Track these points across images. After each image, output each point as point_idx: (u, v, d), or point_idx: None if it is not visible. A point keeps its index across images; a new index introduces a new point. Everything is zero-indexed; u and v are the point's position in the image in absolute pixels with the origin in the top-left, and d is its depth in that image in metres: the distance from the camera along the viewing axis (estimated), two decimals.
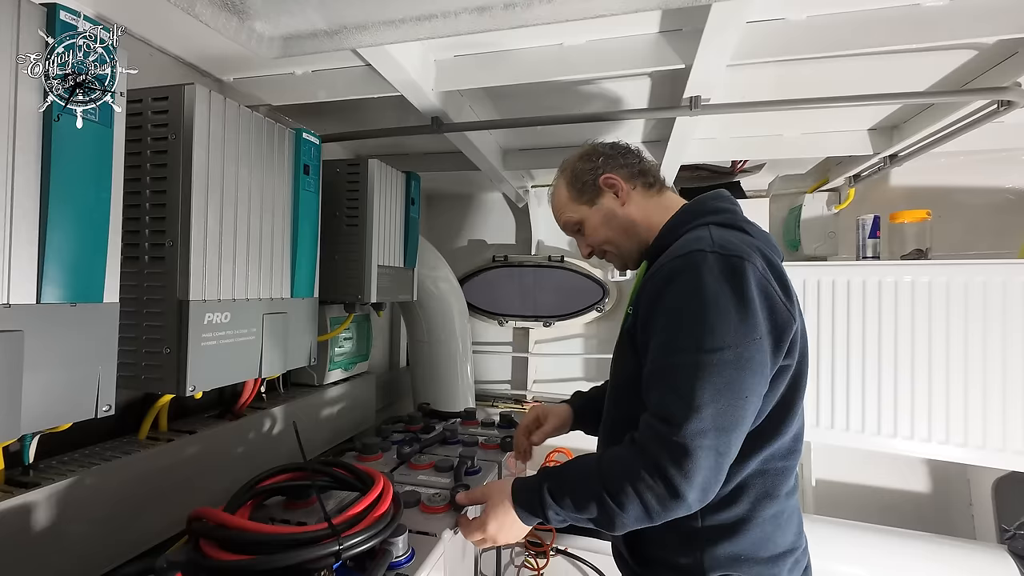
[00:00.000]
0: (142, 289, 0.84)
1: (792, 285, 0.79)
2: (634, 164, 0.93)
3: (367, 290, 1.30)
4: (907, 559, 1.50)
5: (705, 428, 0.67)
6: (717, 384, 0.68)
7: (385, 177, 1.35)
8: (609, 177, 0.91)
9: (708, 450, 0.67)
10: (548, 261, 2.21)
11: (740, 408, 0.69)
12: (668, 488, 0.67)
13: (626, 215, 0.91)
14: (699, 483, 0.67)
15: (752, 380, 0.70)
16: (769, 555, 0.78)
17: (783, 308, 0.74)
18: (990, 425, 1.40)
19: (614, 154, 0.93)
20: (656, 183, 0.94)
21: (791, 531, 0.82)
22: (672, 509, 0.69)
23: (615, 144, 0.96)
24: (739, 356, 0.69)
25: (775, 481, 0.79)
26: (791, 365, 0.76)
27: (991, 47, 0.97)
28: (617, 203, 0.92)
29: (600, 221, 0.93)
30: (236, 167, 0.91)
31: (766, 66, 1.09)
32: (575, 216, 0.96)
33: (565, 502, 0.76)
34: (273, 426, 1.18)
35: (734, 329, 0.69)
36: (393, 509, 0.83)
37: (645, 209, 0.91)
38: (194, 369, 0.83)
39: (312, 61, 1.09)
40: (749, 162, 1.80)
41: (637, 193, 0.92)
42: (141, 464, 0.86)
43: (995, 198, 1.72)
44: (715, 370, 0.68)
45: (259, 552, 0.69)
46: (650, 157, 1.52)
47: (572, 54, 0.98)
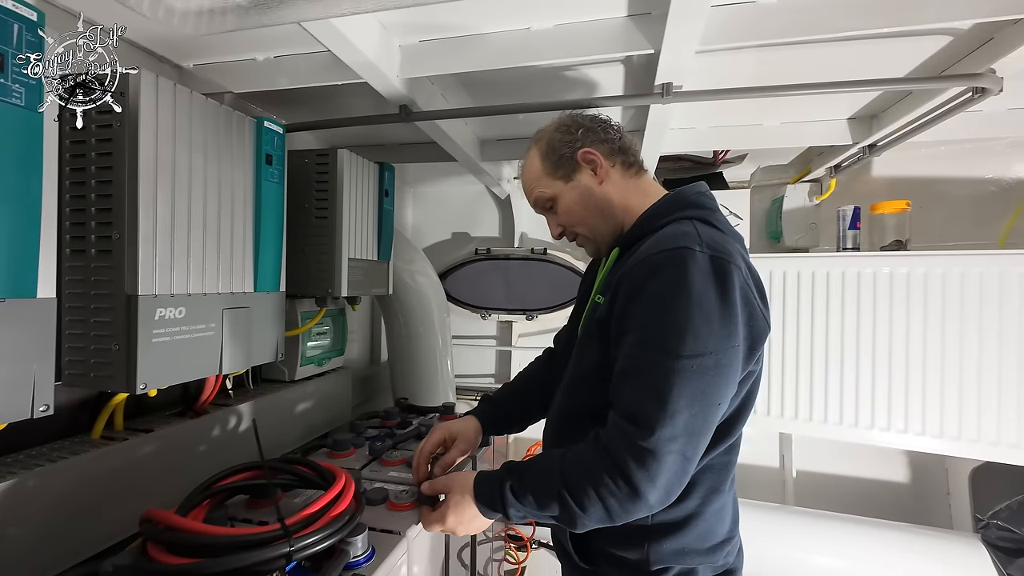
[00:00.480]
0: (89, 283, 0.81)
1: (765, 291, 0.77)
2: (614, 140, 0.87)
3: (338, 284, 1.27)
4: (883, 549, 1.51)
5: (677, 434, 0.66)
6: (694, 390, 0.66)
7: (356, 168, 1.31)
8: (588, 151, 0.84)
9: (676, 455, 0.66)
10: (531, 254, 2.19)
11: (712, 415, 0.69)
12: (632, 491, 0.66)
13: (603, 194, 0.85)
14: (663, 486, 0.66)
15: (727, 388, 0.69)
16: (709, 546, 0.80)
17: (761, 317, 0.73)
18: (965, 416, 1.40)
19: (594, 127, 0.86)
20: (635, 163, 0.88)
21: (729, 521, 0.83)
22: (634, 511, 0.68)
23: (596, 117, 0.89)
24: (718, 362, 0.67)
25: (720, 476, 0.79)
26: (756, 372, 0.76)
27: (966, 32, 0.95)
28: (595, 180, 0.85)
29: (575, 199, 0.86)
30: (189, 156, 0.88)
31: (742, 53, 1.07)
32: (548, 192, 0.88)
33: (526, 499, 0.74)
34: (239, 423, 1.15)
35: (716, 334, 0.67)
36: (353, 507, 0.82)
37: (623, 190, 0.86)
38: (145, 366, 0.80)
39: (273, 46, 1.06)
40: (731, 152, 1.78)
41: (616, 172, 0.86)
42: (91, 464, 0.83)
43: (975, 188, 1.72)
44: (694, 375, 0.66)
45: (206, 555, 0.67)
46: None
47: (540, 39, 0.94)
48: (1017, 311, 1.35)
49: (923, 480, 1.84)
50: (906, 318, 1.46)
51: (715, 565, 0.80)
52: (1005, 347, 1.37)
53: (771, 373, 1.65)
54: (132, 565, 0.67)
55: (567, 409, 0.88)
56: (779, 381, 1.63)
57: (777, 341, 1.63)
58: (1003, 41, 0.92)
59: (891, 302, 1.48)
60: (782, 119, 1.43)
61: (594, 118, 0.89)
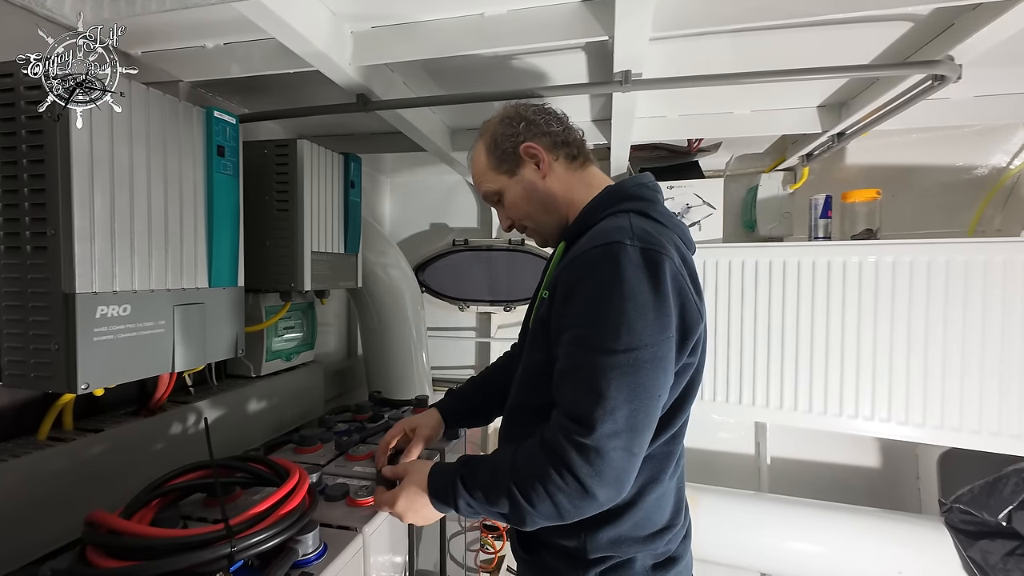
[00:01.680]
0: (26, 282, 0.78)
1: (700, 283, 0.77)
2: (557, 133, 0.86)
3: (301, 277, 1.25)
4: (853, 534, 1.54)
5: (619, 430, 0.65)
6: (632, 384, 0.66)
7: (318, 159, 1.28)
8: (530, 146, 0.85)
9: (621, 451, 0.66)
10: (508, 245, 2.18)
11: (653, 408, 0.69)
12: (580, 487, 0.66)
13: (546, 189, 0.85)
14: (611, 482, 0.66)
15: (665, 379, 0.69)
16: (647, 534, 0.80)
17: (694, 307, 0.72)
18: (930, 403, 1.42)
19: (537, 120, 0.86)
20: (580, 155, 0.88)
21: (669, 510, 0.83)
22: (584, 508, 0.68)
23: (540, 108, 0.88)
24: (654, 355, 0.67)
25: (660, 465, 0.79)
26: (694, 363, 0.76)
27: (927, 19, 0.94)
28: (538, 175, 0.85)
29: (519, 194, 0.87)
30: (130, 148, 0.85)
31: (706, 40, 1.05)
32: (494, 186, 0.89)
33: (476, 494, 0.74)
34: (198, 421, 1.14)
35: (651, 327, 0.67)
36: (305, 504, 0.81)
37: (567, 184, 0.86)
38: (86, 366, 0.78)
39: (223, 33, 1.02)
40: (705, 141, 1.77)
41: (559, 165, 0.86)
42: (34, 466, 0.81)
43: (946, 176, 1.72)
44: (631, 370, 0.66)
45: (146, 557, 0.66)
46: (594, 129, 1.50)
47: (494, 24, 0.92)
48: (980, 299, 1.36)
49: (894, 465, 1.87)
50: (874, 307, 1.47)
51: (655, 553, 0.81)
52: (969, 335, 1.38)
53: (743, 363, 1.66)
54: (69, 569, 0.66)
55: (515, 404, 0.88)
56: (751, 370, 1.64)
57: (750, 330, 1.64)
58: (963, 27, 0.91)
59: (860, 291, 1.48)
60: (753, 107, 1.41)
61: (538, 109, 0.88)
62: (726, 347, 1.67)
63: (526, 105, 0.89)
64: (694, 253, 0.85)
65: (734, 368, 1.67)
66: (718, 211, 1.78)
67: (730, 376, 1.68)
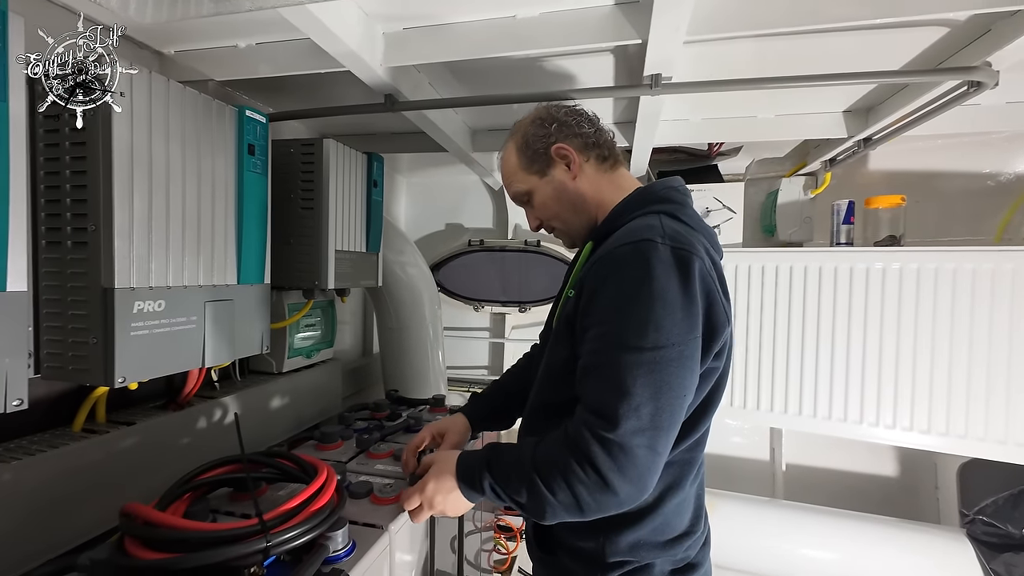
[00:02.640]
0: (66, 276, 0.80)
1: (728, 287, 0.77)
2: (589, 134, 0.87)
3: (324, 276, 1.26)
4: (870, 543, 1.52)
5: (643, 427, 0.65)
6: (658, 382, 0.66)
7: (343, 158, 1.29)
8: (561, 147, 0.85)
9: (645, 448, 0.66)
10: (525, 246, 2.18)
11: (678, 407, 0.68)
12: (601, 481, 0.66)
13: (576, 190, 0.86)
14: (633, 479, 0.66)
15: (691, 379, 0.69)
16: (666, 539, 0.80)
17: (721, 310, 0.72)
18: (954, 412, 1.40)
19: (569, 121, 0.86)
20: (610, 157, 0.89)
21: (688, 516, 0.83)
22: (604, 504, 0.68)
23: (571, 109, 0.89)
24: (681, 354, 0.67)
25: (682, 471, 0.79)
26: (719, 368, 0.75)
27: (963, 24, 0.93)
28: (568, 176, 0.86)
29: (549, 194, 0.88)
30: (167, 146, 0.86)
31: (735, 44, 1.05)
32: (524, 186, 0.90)
33: (500, 479, 0.75)
34: (224, 416, 1.15)
35: (679, 325, 0.67)
36: (335, 501, 0.82)
37: (597, 185, 0.87)
38: (123, 360, 0.79)
39: (254, 33, 1.03)
40: (726, 145, 1.76)
41: (590, 166, 0.87)
42: (69, 457, 0.82)
43: (972, 183, 1.70)
44: (657, 367, 0.66)
45: (183, 550, 0.67)
46: (615, 131, 1.50)
47: (526, 27, 0.92)
48: (1008, 308, 1.34)
49: (912, 474, 1.85)
50: (897, 314, 1.46)
51: (674, 559, 0.80)
52: (995, 344, 1.36)
53: (762, 367, 1.64)
54: (108, 559, 0.67)
55: (536, 404, 0.88)
56: (769, 375, 1.63)
57: (768, 335, 1.63)
58: (1000, 33, 0.90)
59: (883, 298, 1.47)
60: (777, 111, 1.40)
61: (570, 110, 0.89)
62: (744, 352, 1.66)
63: (558, 106, 0.90)
64: (722, 258, 0.85)
65: (751, 373, 1.66)
66: (738, 215, 1.78)
67: (747, 381, 1.67)
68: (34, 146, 0.79)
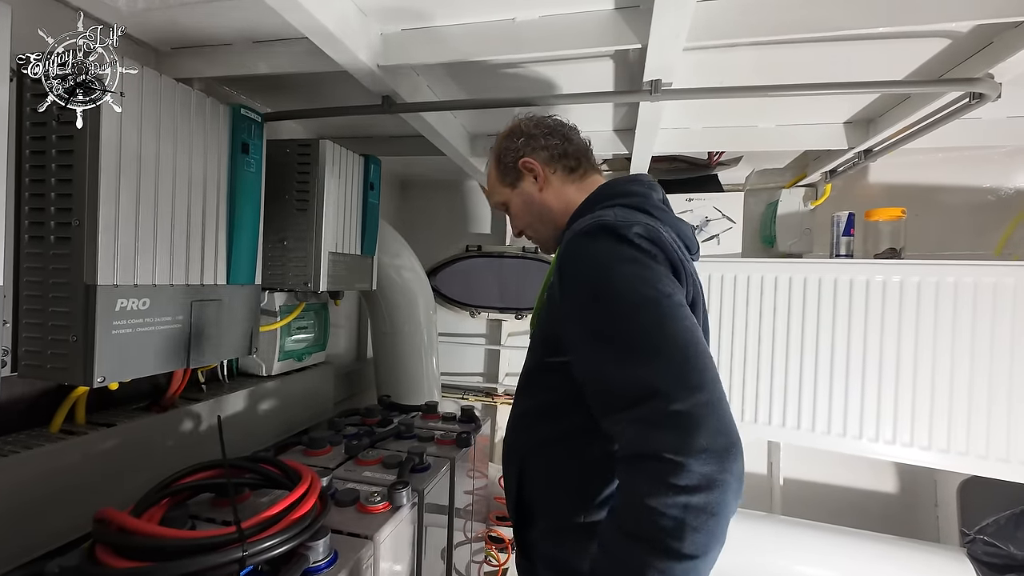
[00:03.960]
0: (47, 272, 0.78)
1: (696, 273, 0.75)
2: (555, 146, 0.89)
3: (317, 278, 1.24)
4: (868, 561, 1.49)
5: (698, 382, 0.54)
6: (678, 335, 0.57)
7: (339, 159, 1.28)
8: (527, 161, 0.89)
9: (704, 406, 0.53)
10: (522, 252, 2.16)
11: (705, 354, 0.58)
12: (681, 470, 0.51)
13: (542, 201, 0.89)
14: (711, 433, 0.52)
15: (687, 316, 0.61)
16: None
17: (677, 257, 0.67)
18: (955, 429, 1.38)
19: (536, 134, 0.89)
20: (580, 167, 0.90)
21: None
22: (717, 488, 0.51)
23: (540, 122, 0.92)
24: (671, 303, 0.60)
25: None
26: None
27: (966, 36, 0.92)
28: (535, 188, 0.89)
29: (520, 205, 0.92)
30: (157, 142, 0.84)
31: (736, 52, 1.04)
32: (500, 197, 0.95)
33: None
34: (210, 419, 1.12)
35: (649, 284, 0.61)
36: (317, 509, 0.79)
37: (563, 195, 0.88)
38: (103, 359, 0.77)
39: (251, 32, 1.02)
40: (726, 154, 1.75)
41: (556, 178, 0.89)
42: (45, 459, 0.80)
43: (972, 197, 1.69)
44: (669, 318, 0.59)
45: (156, 558, 0.64)
46: (615, 139, 1.49)
47: (524, 30, 0.91)
48: (1009, 323, 1.33)
49: (911, 491, 1.82)
50: (897, 328, 1.44)
51: None
52: (996, 359, 1.34)
53: (760, 379, 1.62)
54: (77, 567, 0.64)
55: (516, 414, 0.88)
56: (767, 388, 1.61)
57: (767, 347, 1.61)
58: (1003, 45, 0.89)
59: (883, 311, 1.45)
60: (777, 121, 1.40)
61: (539, 123, 0.91)
62: (742, 364, 1.64)
63: (529, 119, 0.93)
64: (696, 253, 0.82)
65: (749, 385, 1.64)
66: (737, 225, 1.76)
67: (745, 393, 1.65)
68: (20, 138, 0.78)
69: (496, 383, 2.26)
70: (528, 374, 0.84)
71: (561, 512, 0.78)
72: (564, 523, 0.77)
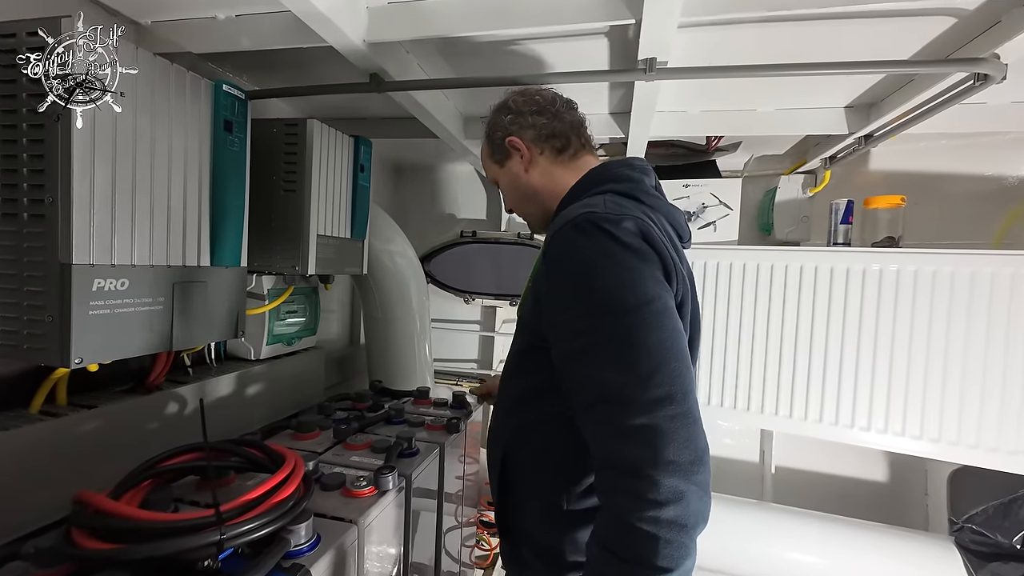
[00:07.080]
0: (21, 251, 0.76)
1: (686, 264, 0.73)
2: (543, 125, 0.84)
3: (305, 260, 1.22)
4: (858, 548, 1.50)
5: (663, 396, 0.55)
6: (652, 346, 0.57)
7: (328, 140, 1.25)
8: (513, 140, 0.86)
9: (670, 419, 0.54)
10: (517, 238, 2.14)
11: (682, 350, 0.59)
12: (648, 483, 0.53)
13: (528, 182, 0.86)
14: (674, 454, 0.54)
15: (675, 324, 0.61)
16: None
17: (667, 254, 0.66)
18: (946, 418, 1.37)
19: (525, 111, 0.85)
20: (570, 146, 0.85)
21: None
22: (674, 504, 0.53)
23: (530, 98, 0.87)
24: (657, 310, 0.60)
25: None
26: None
27: (972, 14, 0.89)
28: (521, 168, 0.87)
29: (507, 183, 0.90)
30: (135, 117, 0.82)
31: (735, 30, 1.00)
32: (490, 174, 0.94)
33: None
34: (195, 402, 1.11)
35: (633, 288, 0.60)
36: (300, 493, 0.78)
37: (551, 176, 0.85)
38: (80, 339, 0.75)
39: (235, 4, 0.98)
40: (724, 140, 1.72)
41: (544, 158, 0.86)
42: (23, 440, 0.79)
43: (974, 185, 1.66)
44: (647, 327, 0.58)
45: (132, 540, 0.63)
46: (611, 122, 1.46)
47: (517, 4, 0.88)
48: (1006, 313, 1.31)
49: (902, 480, 1.83)
50: (893, 317, 1.42)
51: None
52: (991, 350, 1.33)
53: (753, 368, 1.61)
54: (53, 548, 0.63)
55: (501, 400, 0.88)
56: (760, 376, 1.60)
57: (761, 335, 1.60)
58: (1010, 24, 0.86)
59: (879, 300, 1.43)
60: (777, 105, 1.37)
61: (528, 100, 0.87)
62: (736, 352, 1.63)
63: (521, 93, 0.89)
64: (687, 241, 0.80)
65: (743, 374, 1.63)
66: (734, 212, 1.74)
67: (738, 382, 1.64)
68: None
69: (490, 369, 2.25)
70: (514, 357, 0.84)
71: (544, 495, 0.78)
72: (547, 506, 0.77)
